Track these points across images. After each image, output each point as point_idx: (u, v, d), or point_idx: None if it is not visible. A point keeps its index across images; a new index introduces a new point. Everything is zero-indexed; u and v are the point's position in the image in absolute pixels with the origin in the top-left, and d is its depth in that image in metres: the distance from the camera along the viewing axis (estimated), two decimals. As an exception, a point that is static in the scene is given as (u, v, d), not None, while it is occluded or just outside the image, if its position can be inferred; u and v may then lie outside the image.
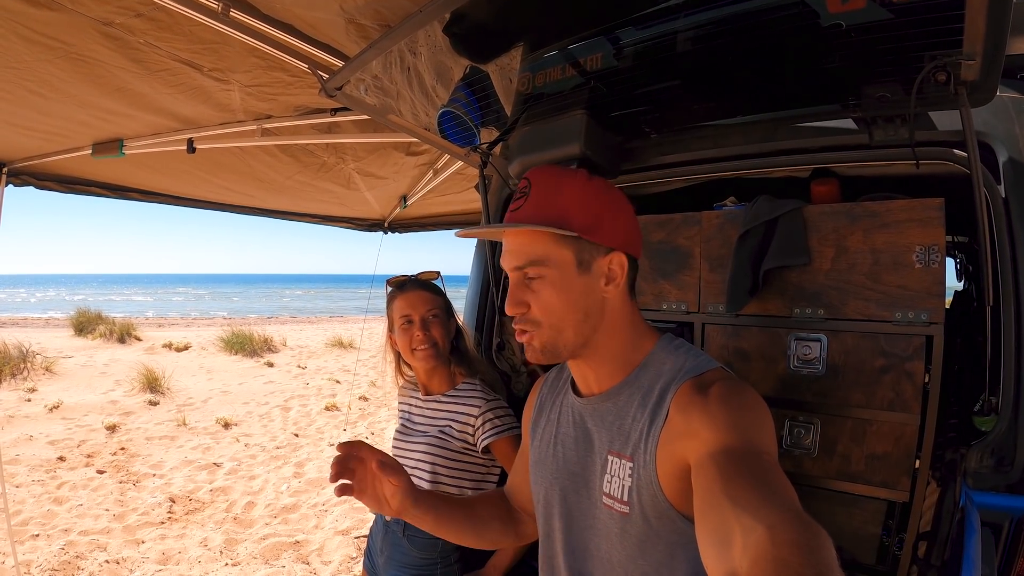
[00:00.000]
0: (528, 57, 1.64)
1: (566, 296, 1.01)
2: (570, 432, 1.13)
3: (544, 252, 1.01)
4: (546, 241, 1.01)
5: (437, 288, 1.87)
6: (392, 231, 5.17)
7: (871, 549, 1.40)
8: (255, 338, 12.86)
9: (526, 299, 1.02)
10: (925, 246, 1.31)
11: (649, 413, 0.98)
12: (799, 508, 0.67)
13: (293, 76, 2.03)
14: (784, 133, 1.49)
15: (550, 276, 1.01)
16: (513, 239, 1.05)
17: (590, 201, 1.02)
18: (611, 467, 1.01)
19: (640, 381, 1.03)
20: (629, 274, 1.05)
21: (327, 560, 3.97)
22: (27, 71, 1.88)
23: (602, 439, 1.05)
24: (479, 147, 1.82)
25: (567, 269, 1.01)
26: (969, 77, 1.06)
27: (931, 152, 1.30)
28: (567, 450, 1.12)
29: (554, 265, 1.01)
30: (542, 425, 1.22)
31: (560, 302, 1.01)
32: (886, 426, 1.34)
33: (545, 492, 1.15)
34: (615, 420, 1.03)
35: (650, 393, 1.00)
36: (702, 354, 1.04)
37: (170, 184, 3.51)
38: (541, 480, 1.17)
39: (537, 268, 1.01)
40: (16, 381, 8.69)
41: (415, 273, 1.91)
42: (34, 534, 4.16)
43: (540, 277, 1.01)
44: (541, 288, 1.01)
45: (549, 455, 1.16)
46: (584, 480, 1.07)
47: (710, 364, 1.01)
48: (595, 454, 1.06)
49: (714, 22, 1.28)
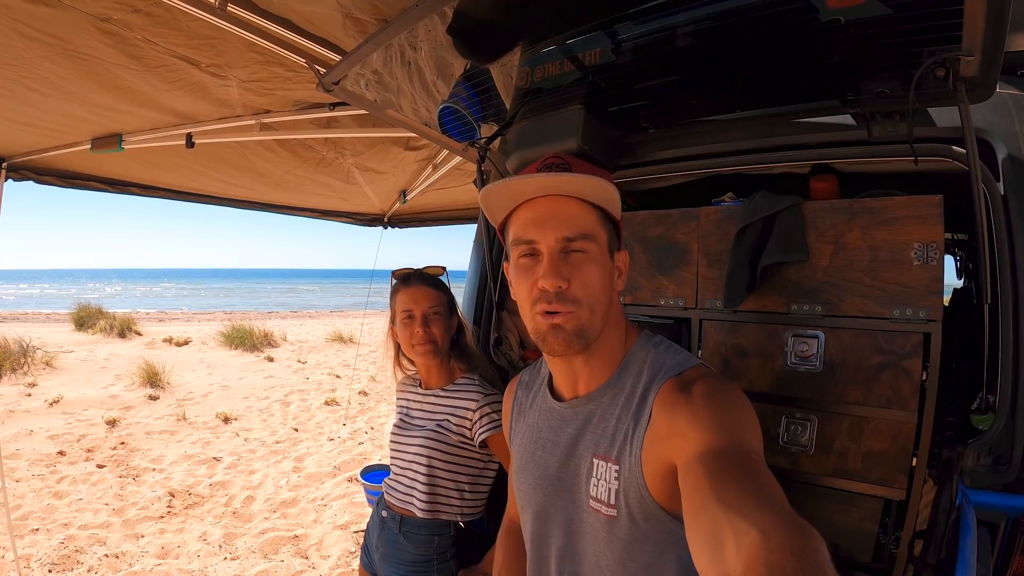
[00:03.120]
0: (526, 52, 1.64)
1: (602, 277, 0.98)
2: (550, 437, 1.11)
3: (592, 227, 0.97)
4: (594, 216, 0.97)
5: (441, 284, 1.85)
6: (392, 226, 5.17)
7: (868, 547, 1.40)
8: (255, 333, 12.85)
9: (567, 274, 0.95)
10: (924, 243, 1.30)
11: (633, 414, 0.97)
12: (790, 509, 0.67)
13: (291, 71, 2.03)
14: (783, 129, 1.49)
15: (594, 253, 0.97)
16: (559, 207, 0.97)
17: (615, 195, 1.00)
18: (596, 470, 1.00)
19: (622, 381, 1.02)
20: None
21: (326, 554, 3.97)
22: (25, 68, 1.88)
23: (586, 443, 1.03)
24: (477, 142, 1.81)
25: (605, 250, 0.99)
26: (968, 73, 1.06)
27: (930, 148, 1.30)
28: (548, 455, 1.10)
29: (599, 243, 0.97)
30: (521, 430, 1.20)
31: (599, 283, 0.97)
32: (883, 423, 1.34)
33: (530, 498, 1.13)
34: (599, 423, 1.02)
35: (632, 394, 0.99)
36: (682, 351, 1.03)
37: (169, 179, 3.51)
38: (525, 487, 1.15)
39: (586, 243, 0.96)
40: (16, 376, 8.68)
41: (421, 267, 1.89)
42: (34, 528, 4.16)
43: (584, 252, 0.96)
44: (582, 263, 0.96)
45: (531, 461, 1.14)
46: (569, 484, 1.05)
47: (690, 361, 1.00)
48: (579, 458, 1.04)
49: (713, 17, 1.27)
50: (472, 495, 1.74)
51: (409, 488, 1.73)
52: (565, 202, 0.97)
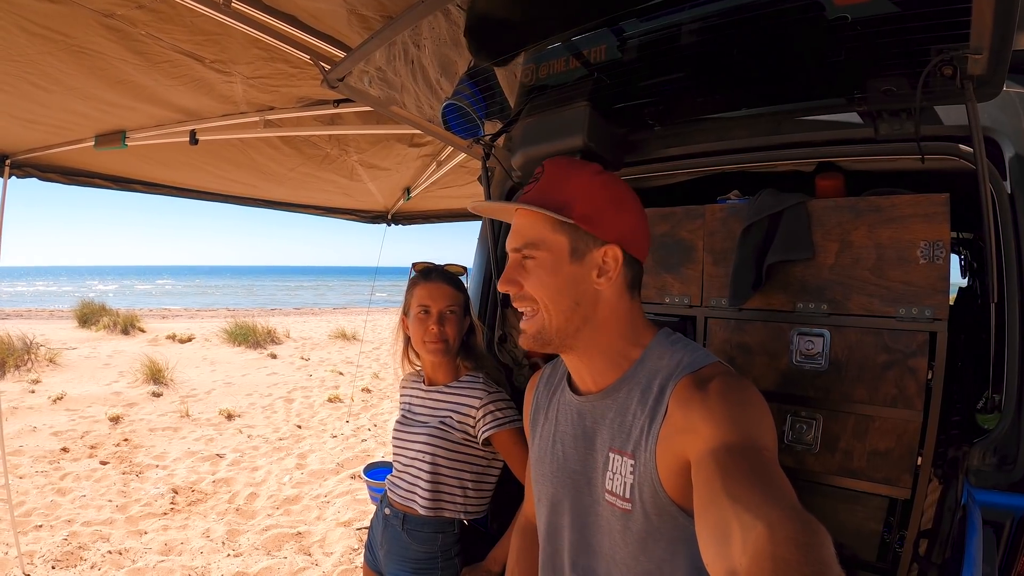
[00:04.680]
0: (532, 49, 1.63)
1: (554, 280, 1.02)
2: (569, 430, 1.13)
3: (540, 235, 1.03)
4: (544, 225, 1.03)
5: (460, 284, 1.84)
6: (396, 223, 5.17)
7: (872, 546, 1.40)
8: (258, 330, 12.86)
9: (517, 278, 1.05)
10: (930, 241, 1.30)
11: (649, 410, 0.98)
12: (798, 506, 0.67)
13: (295, 67, 2.03)
14: (788, 126, 1.48)
15: (542, 259, 1.03)
16: (517, 221, 1.08)
17: (595, 193, 1.03)
18: (612, 464, 1.01)
19: (638, 377, 1.03)
20: (625, 270, 1.04)
21: (329, 551, 3.98)
22: (29, 64, 1.88)
23: (603, 437, 1.05)
24: (482, 139, 1.81)
25: (560, 255, 1.03)
26: (976, 71, 1.05)
27: (937, 147, 1.29)
28: (567, 448, 1.12)
29: (547, 249, 1.03)
30: (540, 423, 1.22)
31: (549, 285, 1.02)
32: (888, 423, 1.33)
33: (547, 490, 1.15)
34: (615, 417, 1.03)
35: (649, 389, 1.00)
36: (700, 348, 1.04)
37: (173, 175, 3.52)
38: (542, 478, 1.17)
39: (532, 250, 1.04)
40: (20, 373, 8.71)
41: (443, 264, 1.88)
42: (37, 525, 4.18)
43: (534, 259, 1.04)
44: (533, 269, 1.04)
45: (549, 454, 1.16)
46: (586, 478, 1.07)
47: (708, 359, 1.00)
48: (596, 452, 1.06)
49: (719, 14, 1.26)
50: (476, 493, 1.74)
51: (412, 485, 1.73)
52: (523, 215, 1.08)
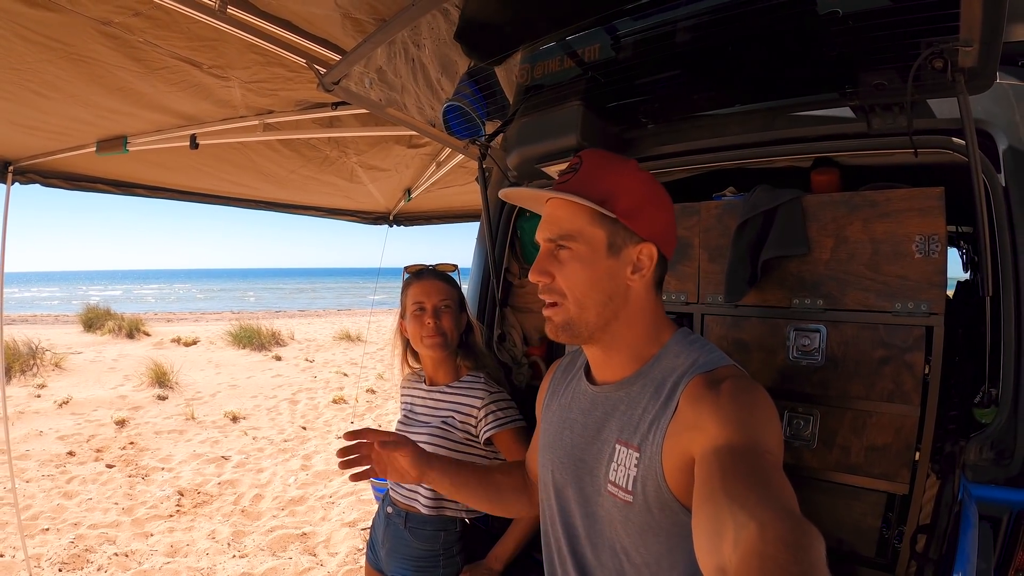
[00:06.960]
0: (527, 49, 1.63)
1: (590, 274, 1.02)
2: (579, 418, 1.14)
3: (579, 227, 1.02)
4: (583, 217, 1.02)
5: (452, 280, 1.89)
6: (397, 224, 5.17)
7: (871, 541, 1.39)
8: (263, 332, 12.89)
9: (551, 269, 1.04)
10: (925, 235, 1.30)
11: (660, 405, 0.99)
12: (794, 508, 0.68)
13: (292, 71, 2.04)
14: (782, 122, 1.48)
15: (579, 251, 1.02)
16: (552, 210, 1.06)
17: (636, 188, 1.04)
18: (618, 456, 1.02)
19: (653, 372, 1.04)
20: (657, 268, 1.06)
21: (333, 552, 3.99)
22: (29, 72, 1.89)
23: (612, 427, 1.05)
24: (478, 139, 1.81)
25: (597, 248, 1.02)
26: (967, 64, 1.05)
27: (930, 140, 1.29)
28: (575, 435, 1.13)
29: (585, 242, 1.02)
30: (553, 408, 1.23)
31: (584, 278, 1.02)
32: (886, 418, 1.33)
33: (551, 475, 1.16)
34: (626, 410, 1.04)
35: (662, 385, 1.01)
36: (716, 350, 1.05)
37: (175, 179, 3.53)
38: (548, 463, 1.18)
39: (569, 241, 1.03)
40: (26, 377, 8.75)
41: (433, 264, 1.93)
42: (44, 528, 4.21)
43: (569, 250, 1.03)
44: (568, 260, 1.03)
45: (557, 439, 1.17)
46: (590, 466, 1.08)
47: (723, 360, 1.01)
48: (603, 442, 1.06)
49: (710, 11, 1.27)
50: (476, 492, 1.74)
51: (414, 484, 1.74)
52: (559, 204, 1.06)
